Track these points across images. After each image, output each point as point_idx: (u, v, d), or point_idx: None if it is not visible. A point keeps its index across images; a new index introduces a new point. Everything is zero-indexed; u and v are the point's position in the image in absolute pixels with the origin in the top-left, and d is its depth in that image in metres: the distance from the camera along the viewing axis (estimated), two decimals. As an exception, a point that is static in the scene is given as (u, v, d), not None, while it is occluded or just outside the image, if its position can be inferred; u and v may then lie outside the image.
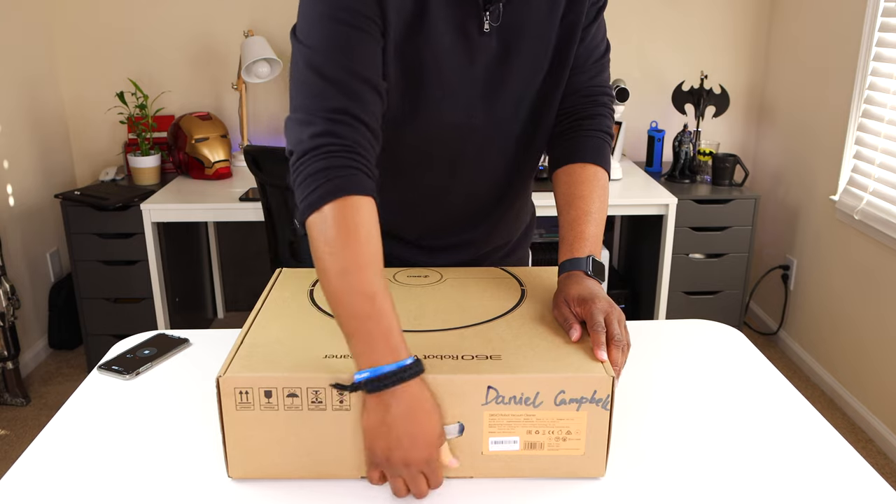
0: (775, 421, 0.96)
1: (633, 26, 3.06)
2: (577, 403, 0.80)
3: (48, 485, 0.84)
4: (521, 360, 0.82)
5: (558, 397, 0.79)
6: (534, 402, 0.79)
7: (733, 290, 2.83)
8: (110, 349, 1.15)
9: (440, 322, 0.92)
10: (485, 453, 0.82)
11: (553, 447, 0.82)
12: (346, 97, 0.86)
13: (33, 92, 2.86)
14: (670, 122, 3.11)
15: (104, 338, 2.70)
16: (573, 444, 0.82)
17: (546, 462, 0.83)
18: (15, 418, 2.52)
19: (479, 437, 0.81)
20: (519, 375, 0.79)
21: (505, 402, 0.79)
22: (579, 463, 0.83)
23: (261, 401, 0.79)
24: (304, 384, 0.78)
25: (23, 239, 2.78)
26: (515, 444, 0.81)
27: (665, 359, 1.12)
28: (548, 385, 0.79)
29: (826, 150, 2.67)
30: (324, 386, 0.78)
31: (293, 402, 0.79)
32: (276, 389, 0.78)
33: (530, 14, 1.00)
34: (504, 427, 0.81)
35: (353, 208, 0.80)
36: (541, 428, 0.81)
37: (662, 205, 2.62)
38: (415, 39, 0.95)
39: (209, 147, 2.79)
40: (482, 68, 1.00)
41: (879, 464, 2.27)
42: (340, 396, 0.79)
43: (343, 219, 0.79)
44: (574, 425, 0.81)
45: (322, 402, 0.79)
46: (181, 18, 2.98)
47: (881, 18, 2.36)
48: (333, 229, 0.79)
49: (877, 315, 2.38)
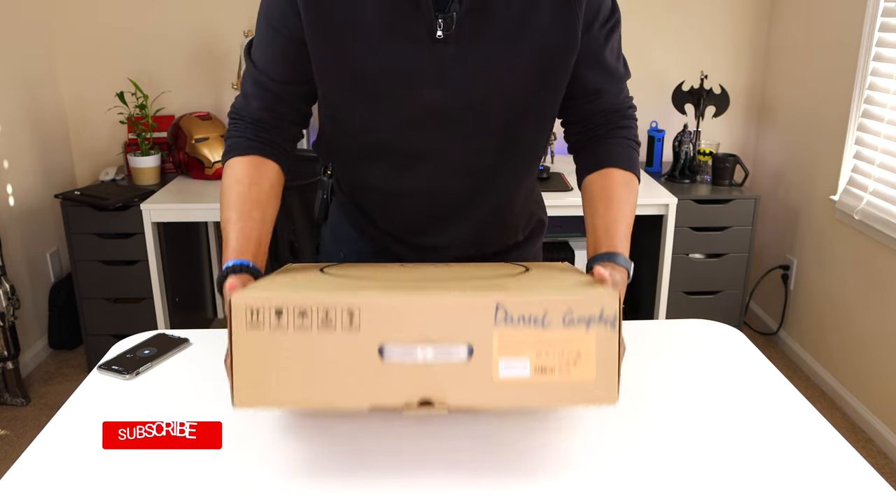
0: (775, 421, 0.96)
1: (633, 27, 3.06)
2: (585, 323, 0.80)
3: (48, 485, 0.84)
4: (528, 288, 0.84)
5: (566, 317, 0.80)
6: (542, 321, 0.80)
7: (733, 290, 2.83)
8: (110, 349, 1.15)
9: (443, 284, 0.92)
10: (495, 379, 0.81)
11: (564, 372, 0.81)
12: (244, 95, 1.10)
13: (33, 92, 2.86)
14: (670, 122, 3.11)
15: (104, 338, 2.69)
16: (584, 369, 0.81)
17: (556, 389, 0.81)
18: (15, 418, 2.52)
19: (489, 361, 0.80)
20: (527, 297, 0.80)
21: (513, 323, 0.80)
22: (591, 389, 0.81)
23: (271, 321, 0.79)
24: (314, 304, 0.79)
25: (23, 239, 2.78)
26: (525, 368, 0.81)
27: (665, 359, 1.12)
28: (555, 305, 0.80)
29: (826, 150, 2.67)
30: (335, 306, 0.79)
31: (303, 322, 0.79)
32: (286, 308, 0.79)
33: (493, 25, 0.98)
34: (513, 348, 0.80)
35: (229, 166, 1.06)
36: (550, 350, 0.80)
37: (662, 205, 2.62)
38: (350, 48, 0.99)
39: (209, 147, 2.79)
40: (435, 74, 1.00)
41: (879, 464, 2.27)
42: (350, 317, 0.79)
43: (225, 170, 1.07)
44: (584, 346, 0.80)
45: (332, 323, 0.79)
46: (181, 18, 2.98)
47: (881, 18, 2.36)
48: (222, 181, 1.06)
49: (877, 315, 2.38)
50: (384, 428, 0.94)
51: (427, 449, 0.90)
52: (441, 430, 0.93)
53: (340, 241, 1.25)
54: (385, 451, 0.89)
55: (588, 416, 0.97)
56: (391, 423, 0.95)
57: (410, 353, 0.80)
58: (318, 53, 1.02)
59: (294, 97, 1.08)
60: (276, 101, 1.07)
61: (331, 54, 1.01)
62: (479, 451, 0.90)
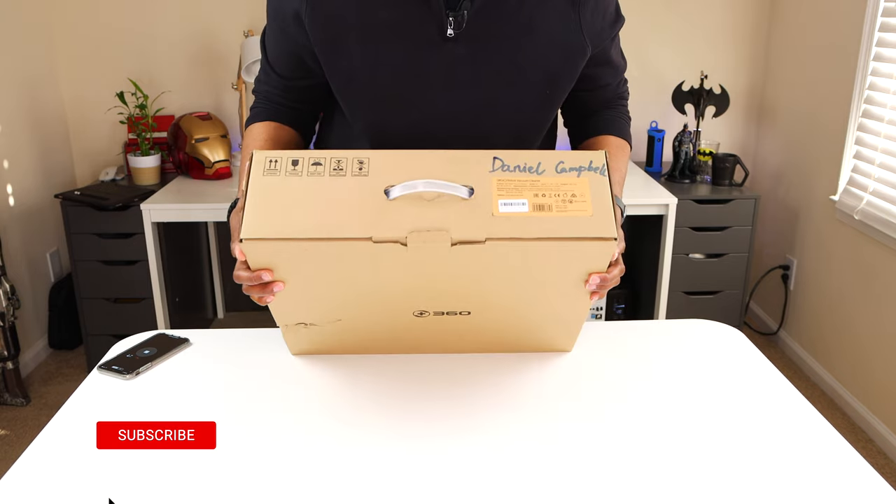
0: (775, 421, 0.96)
1: (633, 26, 3.05)
2: (576, 171, 0.87)
3: (48, 485, 0.84)
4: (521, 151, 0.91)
5: (559, 166, 0.88)
6: (536, 169, 0.87)
7: (733, 290, 2.83)
8: (110, 349, 1.15)
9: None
10: (496, 214, 0.85)
11: (561, 209, 0.86)
12: (264, 72, 1.15)
13: (33, 92, 2.86)
14: (670, 122, 3.11)
15: (104, 338, 2.69)
16: (580, 206, 0.86)
17: (556, 223, 0.85)
18: (15, 418, 2.52)
19: (489, 200, 0.86)
20: (521, 151, 0.89)
21: (510, 170, 0.87)
22: (588, 224, 0.85)
23: (287, 168, 0.86)
24: (328, 155, 0.88)
25: (23, 239, 2.78)
26: (524, 206, 0.85)
27: (665, 359, 1.12)
28: (548, 157, 0.88)
29: (826, 150, 2.67)
30: (346, 156, 0.87)
31: (316, 169, 0.87)
32: (302, 159, 0.88)
33: (502, 26, 0.99)
34: (512, 191, 0.86)
35: (248, 132, 1.14)
36: (547, 192, 0.86)
37: (662, 205, 2.62)
38: (359, 45, 0.99)
39: (209, 147, 2.79)
40: (444, 72, 1.00)
41: (879, 464, 2.27)
42: (360, 164, 0.87)
43: (245, 136, 1.15)
44: (578, 189, 0.86)
45: (343, 170, 0.87)
46: (181, 18, 2.98)
47: (881, 18, 2.36)
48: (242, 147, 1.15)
49: (877, 315, 2.38)
50: (381, 430, 0.94)
51: (426, 451, 0.90)
52: (440, 425, 0.93)
53: None
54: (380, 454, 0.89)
55: (588, 416, 0.97)
56: (388, 425, 0.95)
57: (414, 189, 0.85)
58: (325, 56, 1.02)
59: (303, 90, 1.12)
60: (285, 90, 1.13)
61: (338, 57, 1.01)
62: (476, 452, 0.90)
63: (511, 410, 0.98)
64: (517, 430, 0.94)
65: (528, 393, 1.02)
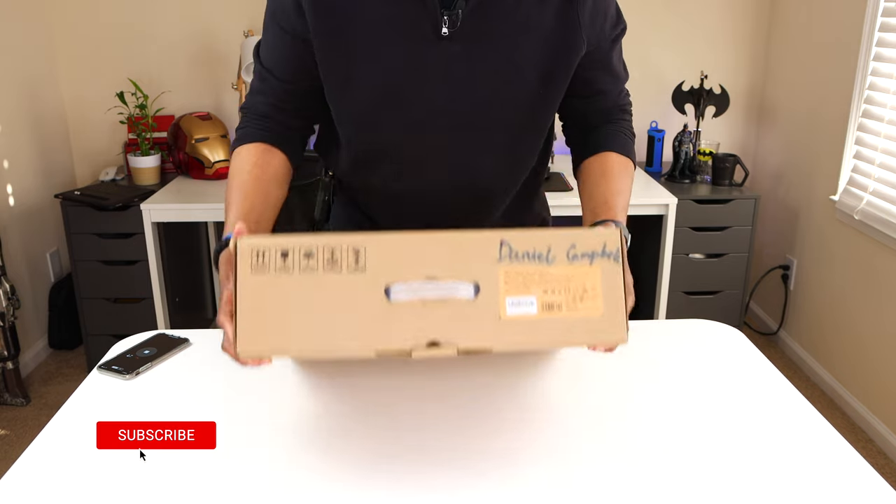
0: (775, 421, 0.96)
1: (633, 26, 3.04)
2: (588, 258, 0.81)
3: (48, 485, 0.84)
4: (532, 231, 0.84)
5: (570, 252, 0.81)
6: (546, 257, 0.81)
7: (733, 290, 2.83)
8: (110, 349, 1.15)
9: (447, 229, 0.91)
10: (503, 318, 0.80)
11: (571, 308, 0.81)
12: (260, 81, 1.10)
13: (33, 92, 2.86)
14: (670, 122, 3.11)
15: (104, 338, 2.69)
16: (591, 304, 0.81)
17: (565, 326, 0.81)
18: (15, 418, 2.52)
19: (496, 299, 0.80)
20: (530, 233, 0.81)
21: (518, 258, 0.80)
22: (599, 325, 0.81)
23: (276, 263, 0.79)
24: (321, 244, 0.79)
25: (23, 239, 2.78)
26: (532, 306, 0.81)
27: (665, 359, 1.12)
28: (559, 240, 0.81)
29: (826, 150, 2.67)
30: (340, 245, 0.79)
31: (308, 262, 0.79)
32: (292, 250, 0.79)
33: (498, 25, 0.99)
34: (519, 286, 0.80)
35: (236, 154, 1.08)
36: (556, 287, 0.81)
37: (662, 205, 2.62)
38: (356, 43, 0.99)
39: (209, 147, 2.79)
40: (440, 71, 1.00)
41: (879, 464, 2.27)
42: (356, 256, 0.79)
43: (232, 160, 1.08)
44: (589, 281, 0.81)
45: (338, 263, 0.79)
46: (181, 18, 2.98)
47: (881, 18, 2.36)
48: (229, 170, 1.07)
49: (877, 315, 2.38)
50: (381, 429, 0.94)
51: (428, 451, 0.90)
52: (440, 426, 0.93)
53: None
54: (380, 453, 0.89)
55: (588, 416, 0.97)
56: (388, 423, 0.95)
57: (417, 292, 0.79)
58: (322, 51, 1.01)
59: (301, 96, 1.08)
60: (283, 98, 1.08)
61: (335, 52, 1.01)
62: (476, 449, 0.90)
63: (511, 410, 0.98)
64: (517, 429, 0.94)
65: (528, 393, 1.02)
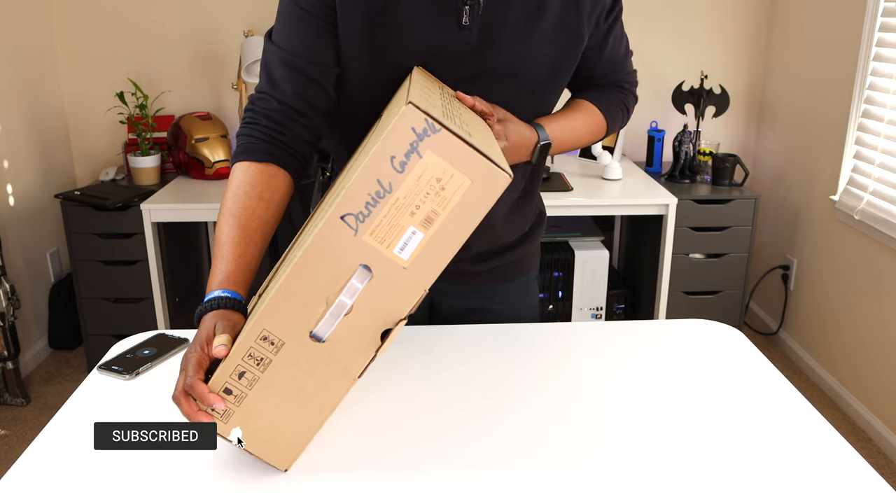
0: (775, 421, 0.96)
1: (633, 26, 3.05)
2: (415, 154, 0.73)
3: (48, 485, 0.84)
4: (354, 170, 0.78)
5: (395, 164, 0.73)
6: (386, 189, 0.74)
7: (733, 290, 2.83)
8: (110, 349, 1.15)
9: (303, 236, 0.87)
10: (407, 266, 0.76)
11: (445, 202, 0.75)
12: (269, 81, 1.03)
13: (33, 91, 2.86)
14: (670, 122, 3.11)
15: (104, 338, 2.70)
16: (455, 183, 0.74)
17: (457, 217, 0.76)
18: (15, 418, 2.52)
19: (388, 259, 0.76)
20: (351, 184, 0.74)
21: (368, 216, 0.74)
22: (479, 190, 0.75)
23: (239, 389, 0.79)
24: (240, 355, 0.78)
25: (23, 239, 2.78)
26: (417, 234, 0.76)
27: (665, 359, 1.12)
28: (377, 165, 0.73)
29: (826, 150, 2.67)
30: (251, 346, 0.78)
31: (247, 377, 0.79)
32: (231, 375, 0.79)
33: (512, 14, 1.02)
34: (391, 232, 0.75)
35: (234, 171, 0.99)
36: (415, 200, 0.74)
37: (662, 205, 2.62)
38: (385, 32, 1.00)
39: (209, 147, 2.79)
40: (457, 61, 1.02)
41: (879, 464, 2.27)
42: (272, 344, 0.77)
43: (231, 177, 0.99)
44: (434, 169, 0.74)
45: (265, 360, 0.78)
46: (181, 18, 2.98)
47: (881, 18, 2.36)
48: (227, 185, 0.99)
49: (877, 315, 2.38)
50: (381, 428, 0.94)
51: (428, 450, 0.90)
52: (438, 427, 0.93)
53: None
54: (380, 451, 0.89)
55: (588, 416, 0.97)
56: (389, 422, 0.95)
57: (332, 319, 0.77)
58: (344, 37, 1.01)
59: (324, 80, 1.03)
60: (307, 85, 1.02)
61: (357, 38, 1.01)
62: (474, 449, 0.90)
63: (510, 410, 0.98)
64: (516, 429, 0.94)
65: (527, 393, 1.02)
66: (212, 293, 0.87)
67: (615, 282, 3.04)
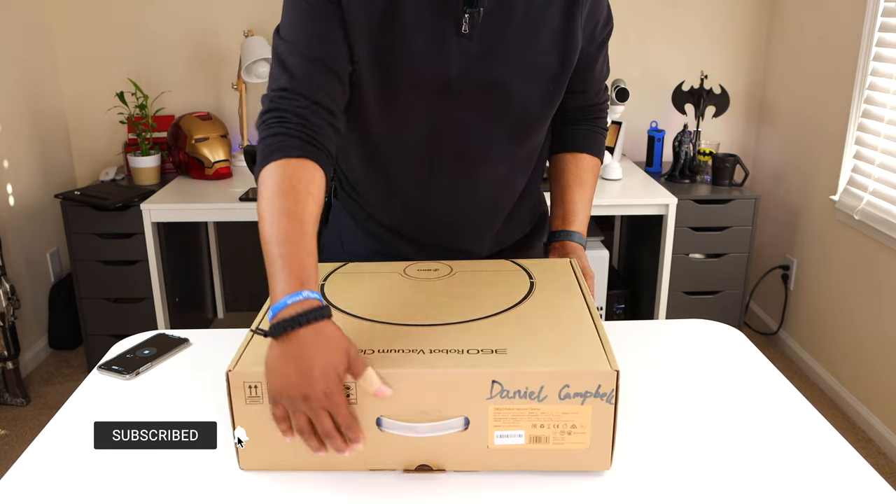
0: (775, 421, 0.96)
1: (633, 26, 3.06)
2: (581, 398, 0.80)
3: (48, 485, 0.84)
4: (526, 353, 0.82)
5: (562, 391, 0.80)
6: (538, 396, 0.80)
7: (733, 290, 2.83)
8: (110, 349, 1.15)
9: (447, 316, 0.92)
10: (490, 447, 0.82)
11: (558, 441, 0.82)
12: (290, 77, 0.97)
13: (33, 91, 2.86)
14: (670, 122, 3.11)
15: (104, 338, 2.69)
16: (578, 438, 0.82)
17: (551, 456, 0.83)
18: (15, 418, 2.52)
19: (485, 432, 0.81)
20: (523, 369, 0.79)
21: (510, 397, 0.80)
22: (584, 456, 0.83)
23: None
24: None
25: (23, 239, 2.78)
26: (520, 438, 0.82)
27: (665, 359, 1.12)
28: (552, 379, 0.79)
29: (826, 150, 2.67)
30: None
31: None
32: None
33: (512, 24, 1.02)
34: (509, 421, 0.81)
35: (270, 170, 0.92)
36: (545, 422, 0.81)
37: (662, 205, 2.62)
38: (386, 37, 0.99)
39: (209, 147, 2.79)
40: (456, 68, 1.02)
41: (879, 464, 2.27)
42: (348, 390, 0.80)
43: (267, 177, 0.92)
44: (579, 419, 0.81)
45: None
46: (181, 18, 2.98)
47: (881, 18, 2.36)
48: (263, 187, 0.93)
49: (877, 315, 2.38)
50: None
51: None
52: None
53: (346, 243, 1.25)
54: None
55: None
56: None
57: (407, 428, 0.81)
58: (358, 27, 1.00)
59: (343, 76, 1.00)
60: (327, 74, 0.98)
61: (359, 40, 1.00)
62: (479, 451, 0.90)
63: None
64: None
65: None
66: (299, 293, 0.81)
67: (615, 282, 3.04)
